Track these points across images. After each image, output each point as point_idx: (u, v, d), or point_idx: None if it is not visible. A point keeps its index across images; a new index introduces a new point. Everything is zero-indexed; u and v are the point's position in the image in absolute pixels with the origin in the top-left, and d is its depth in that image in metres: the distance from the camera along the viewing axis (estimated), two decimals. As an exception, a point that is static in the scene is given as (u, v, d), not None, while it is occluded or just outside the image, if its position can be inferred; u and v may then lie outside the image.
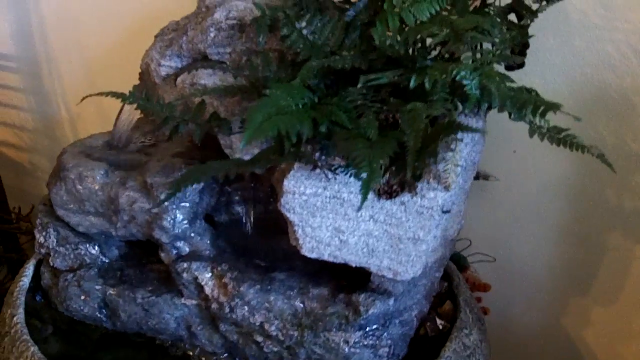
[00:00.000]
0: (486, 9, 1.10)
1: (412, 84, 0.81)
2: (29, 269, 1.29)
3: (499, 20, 1.00)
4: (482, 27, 0.92)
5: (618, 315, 1.48)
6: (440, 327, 1.18)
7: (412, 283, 1.06)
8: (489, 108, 0.94)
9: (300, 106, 0.87)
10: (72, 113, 2.07)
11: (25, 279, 1.27)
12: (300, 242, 1.00)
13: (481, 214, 1.55)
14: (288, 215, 0.99)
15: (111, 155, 1.26)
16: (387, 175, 0.92)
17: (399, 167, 0.84)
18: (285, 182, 0.96)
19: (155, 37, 1.21)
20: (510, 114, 0.89)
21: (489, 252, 1.55)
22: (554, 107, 0.77)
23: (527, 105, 0.78)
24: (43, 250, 1.25)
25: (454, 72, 0.77)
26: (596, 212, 1.42)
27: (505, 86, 0.80)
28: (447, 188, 0.92)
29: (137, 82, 1.28)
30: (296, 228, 0.99)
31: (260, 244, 1.25)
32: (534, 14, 0.99)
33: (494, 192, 1.52)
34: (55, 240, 1.25)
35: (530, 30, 1.20)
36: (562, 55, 1.32)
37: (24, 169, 2.31)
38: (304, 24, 0.96)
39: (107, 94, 0.96)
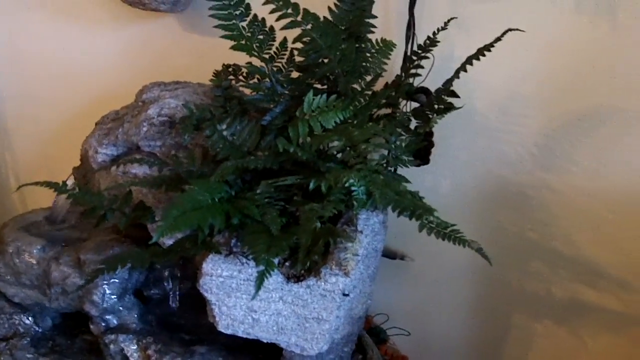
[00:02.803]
0: (395, 115, 1.25)
1: (311, 186, 0.94)
2: (-36, 336, 1.35)
3: (400, 127, 1.14)
4: (381, 135, 1.06)
5: (522, 389, 1.60)
6: (351, 398, 1.28)
7: (320, 357, 1.17)
8: (386, 204, 1.07)
9: (217, 200, 0.99)
10: (21, 183, 2.14)
11: (-40, 346, 1.33)
12: (217, 319, 1.11)
13: (399, 291, 1.67)
14: (206, 295, 1.09)
15: (49, 231, 1.35)
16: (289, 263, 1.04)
17: (294, 261, 0.96)
18: (204, 265, 1.07)
19: (96, 124, 1.32)
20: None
21: (406, 327, 1.66)
22: (429, 211, 0.91)
23: (407, 209, 0.91)
24: (-21, 319, 1.33)
25: (344, 180, 0.90)
26: (501, 293, 1.56)
27: (390, 191, 0.93)
28: (346, 274, 1.04)
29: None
30: (213, 307, 1.10)
31: (186, 318, 1.34)
32: (429, 121, 1.14)
33: (410, 271, 1.64)
34: (-9, 310, 1.32)
35: (442, 131, 1.35)
36: (467, 153, 1.47)
37: (-30, 233, 2.36)
38: (224, 126, 1.09)
39: (41, 183, 1.06)
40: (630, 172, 1.32)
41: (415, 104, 1.29)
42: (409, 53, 1.26)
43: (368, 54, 1.21)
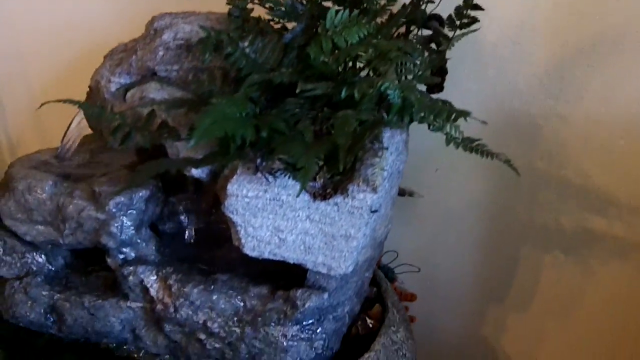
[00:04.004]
0: (409, 36, 1.24)
1: (342, 94, 0.93)
2: (-27, 279, 1.33)
3: (419, 46, 1.13)
4: (404, 49, 1.05)
5: (530, 320, 1.62)
6: (371, 326, 1.28)
7: (344, 279, 1.16)
8: (411, 121, 1.06)
9: (244, 115, 0.97)
10: (11, 139, 2.11)
11: (-30, 287, 1.30)
12: (243, 241, 1.09)
13: (407, 228, 1.68)
14: (231, 216, 1.08)
15: (59, 168, 1.32)
16: (322, 179, 1.03)
17: (331, 165, 0.95)
18: (229, 186, 1.05)
19: (105, 57, 1.29)
20: (429, 125, 1.03)
21: (414, 264, 1.67)
22: (464, 114, 0.91)
23: (442, 113, 0.91)
24: (-11, 260, 1.30)
25: (379, 85, 0.89)
26: (509, 225, 1.57)
27: (423, 97, 0.93)
28: (374, 190, 1.04)
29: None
30: (239, 228, 1.08)
31: (202, 252, 1.33)
32: (449, 40, 1.13)
33: (418, 208, 1.65)
34: (1, 250, 1.29)
35: (451, 60, 1.35)
36: (477, 83, 1.47)
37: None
38: (246, 43, 1.07)
39: (64, 101, 1.03)
40: (643, 95, 1.33)
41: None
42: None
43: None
